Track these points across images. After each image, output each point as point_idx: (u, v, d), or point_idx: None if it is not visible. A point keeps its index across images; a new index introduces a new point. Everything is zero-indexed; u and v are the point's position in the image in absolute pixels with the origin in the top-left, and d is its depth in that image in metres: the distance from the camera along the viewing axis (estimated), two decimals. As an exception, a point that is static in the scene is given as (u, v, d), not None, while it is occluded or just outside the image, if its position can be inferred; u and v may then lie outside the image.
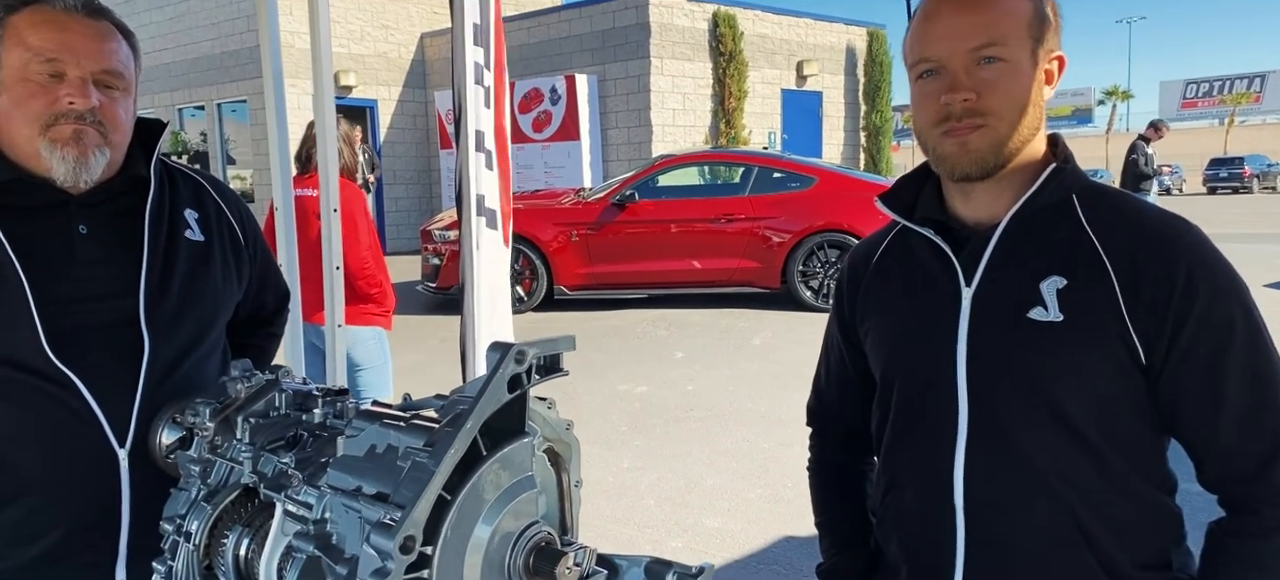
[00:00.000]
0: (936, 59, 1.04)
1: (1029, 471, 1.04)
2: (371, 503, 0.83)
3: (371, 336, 3.70)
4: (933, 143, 1.07)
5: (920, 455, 1.11)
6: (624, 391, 5.50)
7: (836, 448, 1.32)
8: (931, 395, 1.09)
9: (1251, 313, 1.00)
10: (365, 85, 14.72)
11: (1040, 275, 1.03)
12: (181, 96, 15.19)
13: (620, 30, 13.14)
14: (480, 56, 2.80)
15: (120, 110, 1.26)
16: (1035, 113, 1.04)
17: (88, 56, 1.21)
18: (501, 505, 0.86)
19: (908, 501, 1.14)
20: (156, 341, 1.26)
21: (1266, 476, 0.98)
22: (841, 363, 1.27)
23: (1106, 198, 1.07)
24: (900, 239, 1.18)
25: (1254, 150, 43.22)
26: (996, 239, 1.06)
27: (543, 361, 0.88)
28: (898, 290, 1.16)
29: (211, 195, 1.45)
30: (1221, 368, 0.98)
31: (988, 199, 1.08)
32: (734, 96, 13.73)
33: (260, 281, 1.54)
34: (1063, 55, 1.07)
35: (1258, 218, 21.21)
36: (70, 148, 1.21)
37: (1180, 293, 0.98)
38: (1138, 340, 1.00)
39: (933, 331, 1.09)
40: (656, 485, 4.02)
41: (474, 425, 0.79)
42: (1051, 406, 1.02)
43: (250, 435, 1.06)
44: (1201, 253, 1.00)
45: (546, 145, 13.13)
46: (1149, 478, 1.05)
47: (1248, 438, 0.99)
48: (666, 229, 7.90)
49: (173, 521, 1.06)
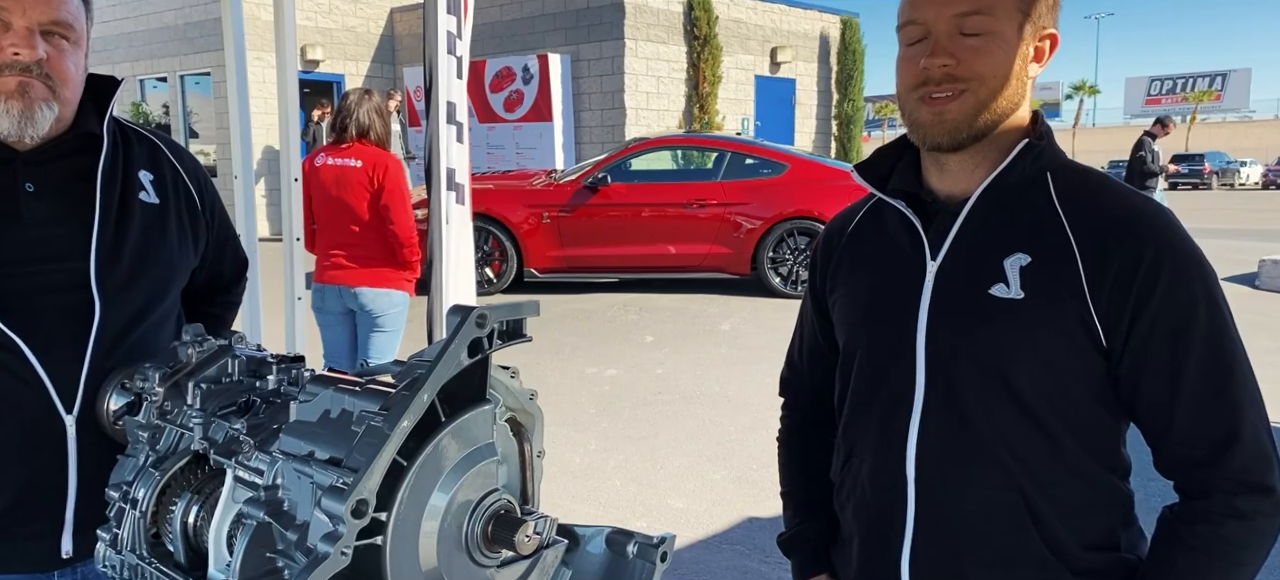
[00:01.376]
0: (922, 21, 1.02)
1: (981, 448, 1.04)
2: (324, 468, 0.80)
3: (401, 301, 3.84)
4: (910, 108, 1.05)
5: (877, 426, 1.11)
6: (593, 374, 5.49)
7: (805, 418, 1.32)
8: (891, 367, 1.09)
9: (1216, 301, 0.99)
10: (332, 60, 14.47)
11: (1005, 252, 1.02)
12: (143, 67, 14.83)
13: (594, 10, 13.04)
14: (453, 26, 2.75)
15: (69, 63, 1.21)
16: (1017, 86, 1.03)
17: (33, 6, 1.15)
18: (460, 472, 0.85)
19: (863, 472, 1.13)
20: (107, 306, 1.22)
21: (1221, 463, 0.97)
22: (814, 333, 1.27)
23: (1080, 176, 1.05)
24: (874, 211, 1.18)
25: (1214, 147, 44.15)
26: (965, 214, 1.05)
27: (506, 326, 0.86)
28: (867, 262, 1.16)
29: (168, 158, 1.40)
30: (1181, 353, 0.98)
31: (962, 172, 1.07)
32: (708, 81, 13.70)
33: (218, 248, 1.50)
34: (1056, 34, 1.05)
35: (1217, 213, 21.68)
36: (14, 100, 1.15)
37: (1145, 274, 0.97)
38: (1099, 322, 0.99)
39: (895, 304, 1.09)
40: (623, 466, 4.02)
41: (431, 389, 0.77)
42: (1007, 384, 1.02)
43: (201, 401, 1.03)
44: (1170, 237, 0.99)
45: (518, 126, 13.01)
46: (1101, 460, 1.05)
47: (1204, 424, 0.98)
48: (638, 213, 7.87)
49: (119, 488, 1.03)
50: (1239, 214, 21.77)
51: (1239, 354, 0.99)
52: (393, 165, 3.77)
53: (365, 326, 3.86)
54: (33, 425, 1.17)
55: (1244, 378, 0.99)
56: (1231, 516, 0.97)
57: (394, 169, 3.76)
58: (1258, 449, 0.97)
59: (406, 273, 3.82)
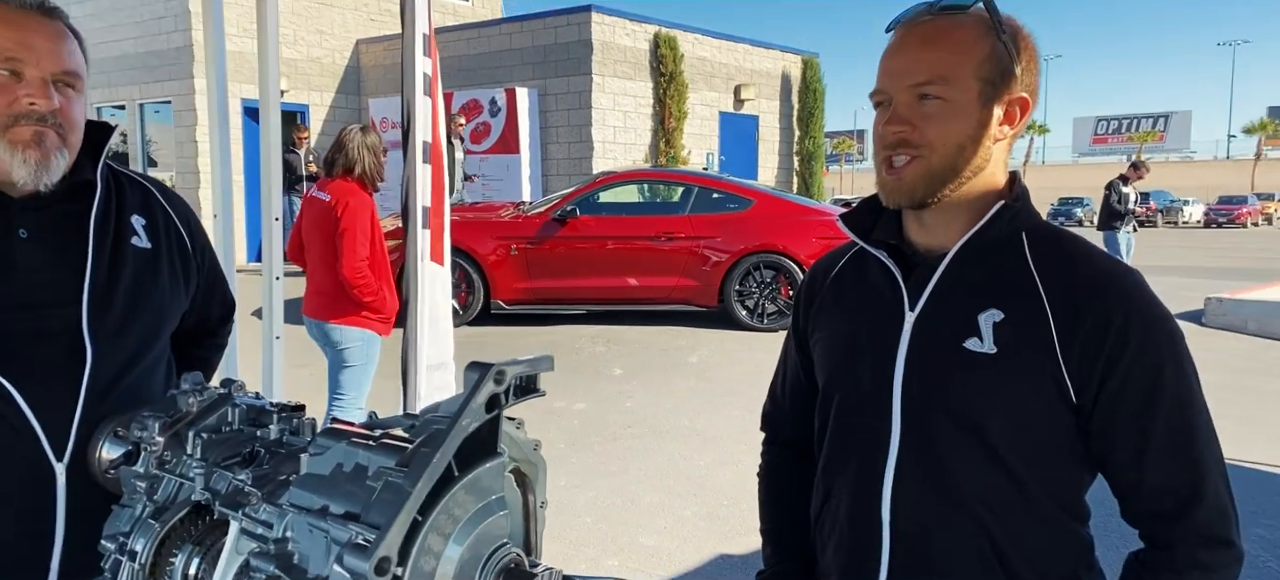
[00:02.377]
0: (885, 91, 1.08)
1: (953, 494, 1.07)
2: (340, 523, 0.81)
3: (359, 338, 3.83)
4: (877, 170, 1.11)
5: (854, 469, 1.14)
6: (561, 408, 5.47)
7: (787, 455, 1.34)
8: (868, 411, 1.12)
9: (1182, 361, 1.03)
10: (297, 90, 14.36)
11: (980, 307, 1.06)
12: (101, 95, 14.57)
13: (563, 46, 13.15)
14: (428, 67, 2.78)
15: (77, 110, 1.23)
16: (980, 151, 1.07)
17: (47, 56, 1.18)
18: (472, 526, 0.86)
19: (841, 513, 1.16)
20: (99, 352, 1.22)
21: (1186, 517, 1.02)
22: (796, 370, 1.30)
23: (1054, 238, 1.10)
24: (857, 258, 1.22)
25: (1158, 186, 45.59)
26: (943, 267, 1.09)
27: (522, 381, 0.88)
28: (848, 306, 1.20)
29: (160, 202, 1.40)
30: (1150, 412, 1.02)
31: (939, 228, 1.11)
32: (674, 117, 13.86)
33: (207, 291, 1.49)
34: (1026, 97, 1.09)
35: (1162, 251, 22.35)
36: (31, 150, 1.17)
37: (1115, 336, 1.01)
38: (1069, 379, 1.03)
39: (874, 350, 1.12)
40: (593, 503, 4.01)
41: (451, 445, 0.79)
42: (979, 434, 1.05)
43: (202, 451, 1.03)
44: (1140, 298, 1.03)
45: (485, 157, 13.01)
46: (1066, 508, 1.09)
47: (1171, 480, 1.02)
48: (607, 246, 7.91)
49: (115, 539, 1.01)
50: (1183, 252, 22.49)
51: (1203, 413, 1.04)
52: (353, 202, 3.76)
53: (331, 361, 3.91)
54: (22, 472, 1.16)
55: (1207, 436, 1.04)
56: (1195, 568, 1.02)
57: (353, 205, 3.75)
58: (1219, 505, 1.02)
59: (365, 311, 3.80)
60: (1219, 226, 39.38)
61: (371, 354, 3.89)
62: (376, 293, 3.77)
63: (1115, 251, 9.96)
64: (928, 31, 1.07)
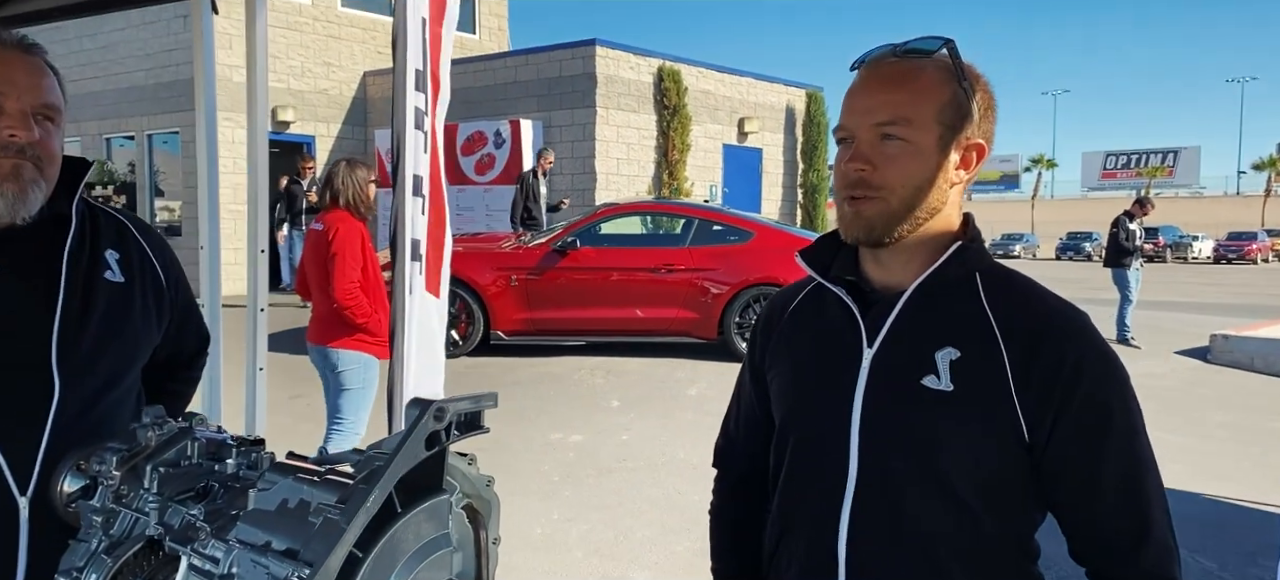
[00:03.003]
0: (848, 128, 1.10)
1: (908, 532, 1.08)
2: (280, 559, 0.81)
3: (356, 361, 3.95)
4: (838, 205, 1.13)
5: (811, 505, 1.14)
6: (557, 440, 5.46)
7: (739, 490, 1.34)
8: (825, 448, 1.12)
9: (1130, 403, 1.06)
10: (303, 121, 14.51)
11: (936, 345, 1.07)
12: (111, 126, 14.76)
13: (567, 79, 13.27)
14: (421, 102, 2.81)
15: (56, 144, 1.26)
16: (937, 193, 1.09)
17: (28, 91, 1.21)
18: (415, 563, 0.86)
19: (798, 550, 1.16)
20: (67, 385, 1.22)
21: (1133, 557, 1.05)
22: (750, 405, 1.31)
23: (1006, 279, 1.12)
24: (815, 294, 1.23)
25: (1167, 221, 45.52)
26: (901, 306, 1.11)
27: (464, 418, 0.88)
28: (806, 342, 1.20)
29: (135, 237, 1.41)
30: (1098, 453, 1.04)
31: (897, 266, 1.12)
32: (677, 149, 13.93)
33: (180, 324, 1.50)
34: (982, 144, 1.11)
35: (1171, 286, 22.26)
36: (9, 183, 1.19)
37: (1067, 377, 1.03)
38: (1023, 417, 1.04)
39: (832, 386, 1.13)
40: (586, 537, 3.99)
41: (388, 483, 0.79)
42: (935, 472, 1.06)
43: (159, 485, 1.03)
44: (1090, 340, 1.06)
45: (488, 188, 13.09)
46: (1018, 546, 1.10)
47: (1119, 519, 1.05)
48: (607, 277, 7.92)
49: (69, 574, 1.01)
50: (1191, 287, 22.39)
51: (1149, 453, 1.07)
52: (343, 228, 3.94)
53: (331, 386, 4.00)
54: None
55: (1153, 476, 1.06)
56: None
57: (344, 231, 3.94)
58: (1163, 543, 1.05)
59: (360, 334, 3.94)
60: (1229, 262, 39.24)
61: (369, 378, 3.97)
62: (369, 315, 3.90)
63: (1125, 289, 9.89)
64: (892, 72, 1.09)
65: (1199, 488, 4.89)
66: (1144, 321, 11.21)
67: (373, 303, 3.91)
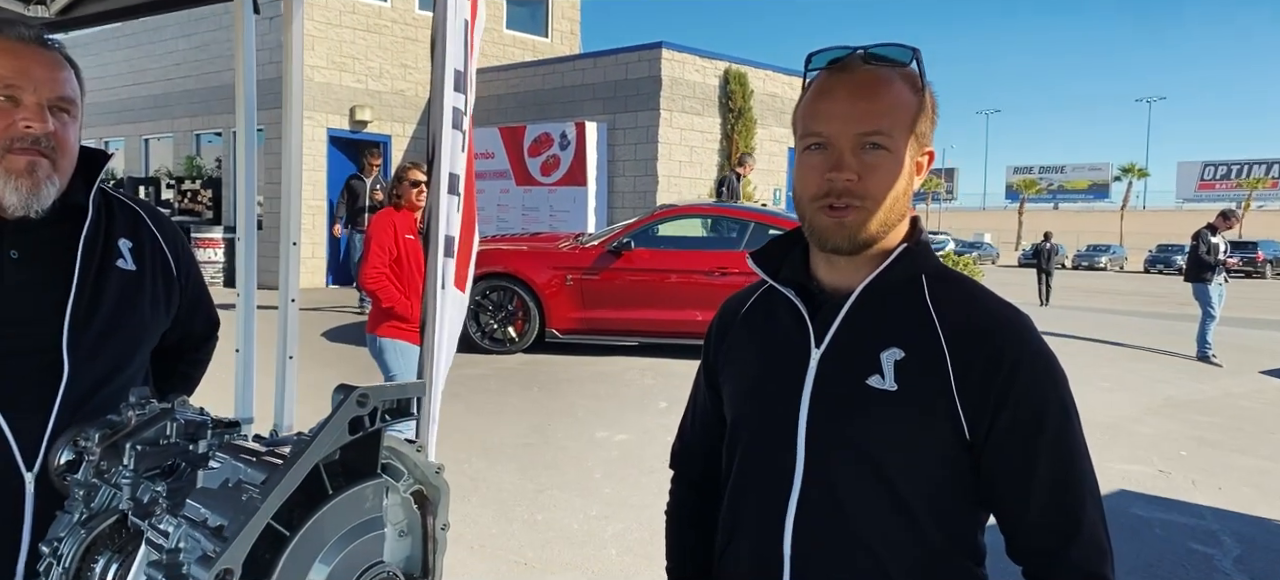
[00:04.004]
0: (826, 135, 1.08)
1: (852, 532, 1.08)
2: (211, 536, 0.85)
3: (390, 347, 4.18)
4: (809, 214, 1.11)
5: (757, 506, 1.15)
6: (603, 439, 5.49)
7: (693, 492, 1.34)
8: (773, 447, 1.13)
9: (1066, 404, 1.07)
10: (380, 121, 14.95)
11: (882, 345, 1.08)
12: (200, 122, 15.47)
13: (632, 82, 13.34)
14: (459, 102, 2.88)
15: (71, 135, 1.32)
16: (904, 200, 1.11)
17: (43, 84, 1.27)
18: (344, 545, 0.88)
19: (743, 551, 1.17)
20: (76, 368, 1.29)
21: (1064, 554, 1.05)
22: (705, 407, 1.31)
23: (951, 281, 1.13)
24: (766, 296, 1.23)
25: (1270, 235, 43.10)
26: (848, 307, 1.11)
27: (394, 405, 0.90)
28: (757, 344, 1.21)
29: (148, 226, 1.48)
30: (1032, 451, 1.05)
31: (848, 269, 1.13)
32: (741, 152, 13.85)
33: (191, 309, 1.57)
34: (933, 150, 1.14)
35: (1269, 303, 21.05)
36: (23, 178, 1.26)
37: (1004, 376, 1.04)
38: (963, 416, 1.05)
39: (781, 387, 1.13)
40: (621, 535, 4.00)
41: (305, 465, 0.82)
42: (879, 471, 1.07)
43: (135, 462, 1.08)
44: (1027, 342, 1.07)
45: (553, 189, 13.25)
46: (962, 547, 1.10)
47: (1051, 516, 1.05)
48: (661, 279, 7.93)
49: (50, 544, 1.08)
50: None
51: (1083, 453, 1.07)
52: (372, 222, 4.39)
53: (382, 372, 4.24)
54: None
55: (1087, 475, 1.07)
56: None
57: (376, 221, 4.36)
58: (1095, 541, 1.05)
59: (392, 320, 4.15)
60: (1334, 279, 36.91)
61: (407, 364, 4.12)
62: (395, 300, 4.14)
63: (1206, 304, 9.45)
64: (868, 80, 1.08)
65: (1272, 513, 4.63)
66: (1231, 339, 10.65)
67: (406, 290, 4.11)
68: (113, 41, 16.23)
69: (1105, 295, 23.86)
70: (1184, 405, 7.25)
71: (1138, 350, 10.09)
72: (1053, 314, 14.35)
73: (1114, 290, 26.48)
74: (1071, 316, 14.17)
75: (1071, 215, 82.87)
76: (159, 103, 15.91)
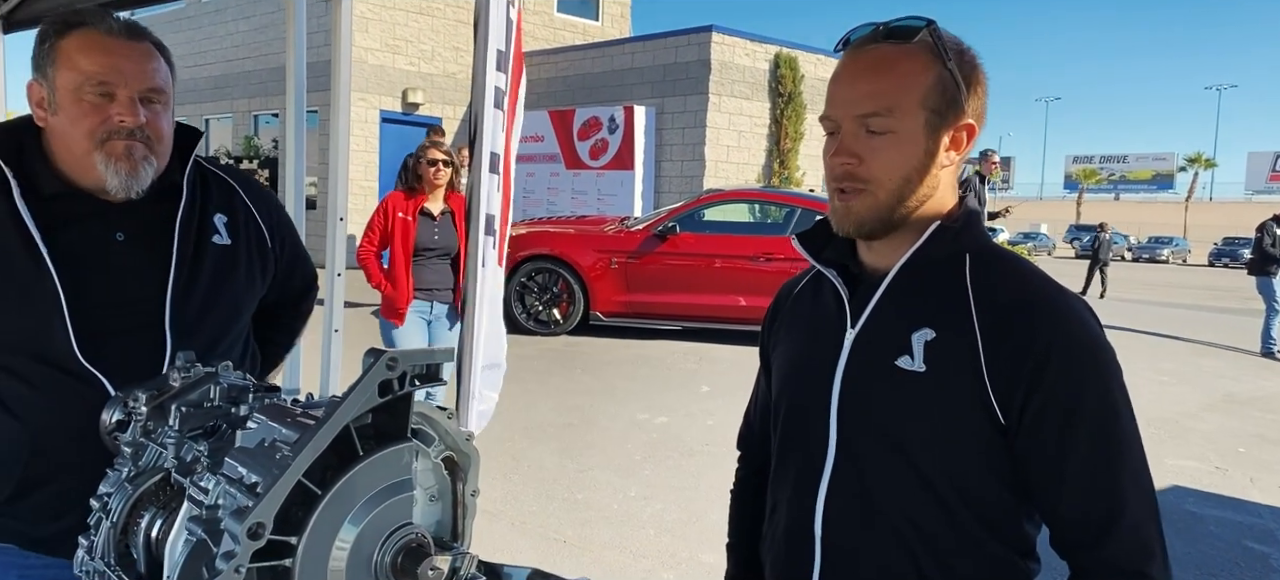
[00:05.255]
0: (832, 119, 1.08)
1: (879, 514, 1.07)
2: (246, 492, 0.88)
3: (382, 328, 4.34)
4: (829, 197, 1.11)
5: (792, 484, 1.15)
6: (643, 421, 5.52)
7: (755, 473, 1.35)
8: (807, 428, 1.13)
9: (1108, 393, 1.01)
10: (431, 103, 15.14)
11: (914, 326, 1.06)
12: (258, 104, 15.85)
13: (681, 66, 13.29)
14: (501, 82, 2.90)
15: (163, 122, 1.38)
16: (928, 179, 1.06)
17: (134, 77, 1.33)
18: (373, 505, 0.91)
19: (780, 527, 1.17)
20: (177, 344, 1.36)
21: (1101, 547, 1.00)
22: (764, 391, 1.32)
23: (996, 259, 1.08)
24: (815, 279, 1.23)
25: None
26: (884, 287, 1.09)
27: (423, 369, 0.92)
28: (802, 325, 1.21)
29: (243, 199, 1.54)
30: (1067, 441, 1.00)
31: (886, 249, 1.11)
32: (790, 138, 13.73)
33: (287, 274, 1.64)
34: (973, 123, 1.07)
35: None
36: (122, 162, 1.33)
37: (1036, 362, 0.99)
38: (995, 400, 1.01)
39: (817, 367, 1.13)
40: (659, 516, 4.03)
41: (334, 425, 0.84)
42: (905, 454, 1.05)
43: (180, 423, 1.13)
44: (1066, 324, 1.01)
45: (601, 173, 13.30)
46: (998, 535, 1.06)
47: (1085, 507, 1.01)
48: (705, 263, 7.92)
49: (100, 499, 1.13)
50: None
51: (1129, 443, 1.00)
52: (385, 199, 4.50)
53: None
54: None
55: (1131, 467, 1.00)
56: None
57: (383, 201, 4.49)
58: (1137, 536, 0.99)
59: (384, 302, 4.32)
60: None
61: (390, 340, 4.28)
62: (373, 278, 4.27)
63: (1270, 298, 9.12)
64: (873, 59, 1.06)
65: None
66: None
67: (396, 272, 4.23)
68: (174, 23, 16.70)
69: (1166, 289, 23.12)
70: (1245, 401, 7.01)
71: (1198, 345, 9.78)
72: (1110, 307, 13.97)
73: (1176, 284, 25.65)
74: (1130, 309, 13.80)
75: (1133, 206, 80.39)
76: (218, 84, 16.34)
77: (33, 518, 1.35)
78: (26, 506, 1.35)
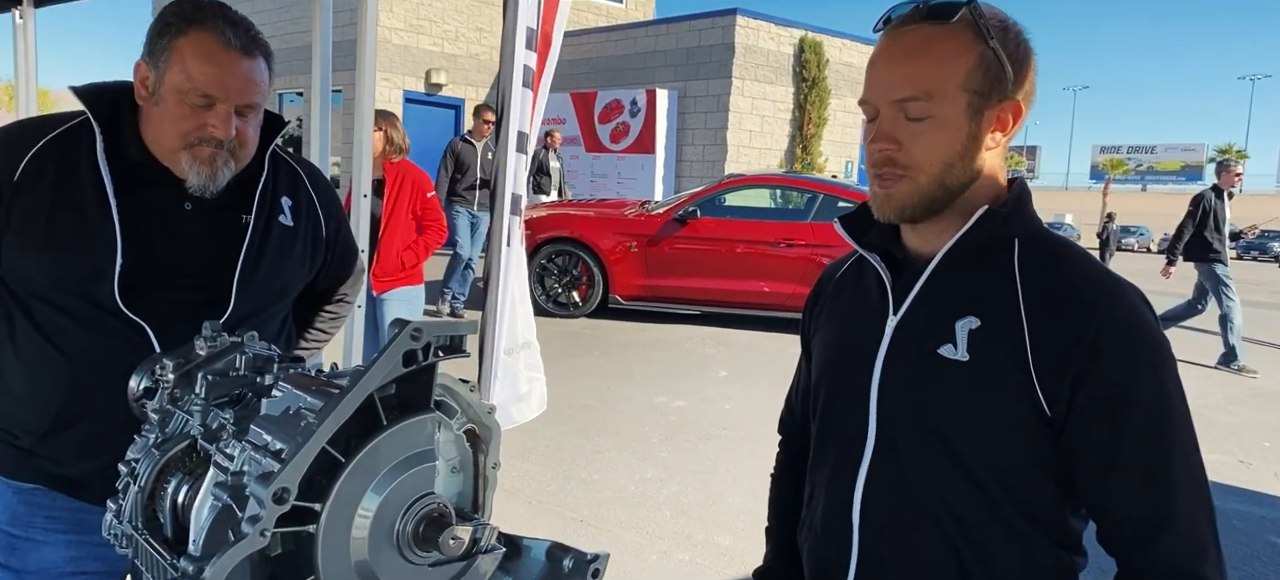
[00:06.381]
0: (871, 102, 1.05)
1: (918, 503, 1.05)
2: (271, 458, 0.89)
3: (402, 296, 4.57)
4: (870, 183, 1.08)
5: (831, 470, 1.14)
6: (661, 404, 5.53)
7: (796, 457, 1.34)
8: (847, 415, 1.11)
9: (1161, 383, 0.97)
10: (454, 84, 15.17)
11: (958, 314, 1.03)
12: (283, 83, 15.94)
13: (705, 49, 13.22)
14: (531, 61, 2.90)
15: (251, 129, 1.44)
16: (971, 163, 1.03)
17: (237, 93, 1.38)
18: (396, 474, 0.92)
19: (818, 513, 1.16)
20: (236, 309, 1.43)
21: (1151, 546, 0.96)
22: (805, 375, 1.30)
23: (1046, 245, 1.04)
24: (858, 263, 1.21)
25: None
26: (928, 273, 1.07)
27: (448, 341, 0.93)
28: (843, 310, 1.19)
29: (306, 186, 1.61)
30: (1116, 435, 0.96)
31: (931, 234, 1.08)
32: (813, 123, 13.63)
33: (339, 263, 1.71)
34: (1020, 102, 1.04)
35: (1372, 294, 19.77)
36: (205, 166, 1.39)
37: (1085, 350, 0.96)
38: (1041, 391, 0.98)
39: (858, 354, 1.11)
40: (675, 498, 4.04)
41: (359, 393, 0.85)
42: (946, 444, 1.03)
43: (206, 391, 1.14)
44: (1119, 316, 0.97)
45: (622, 156, 13.28)
46: (1042, 529, 1.03)
47: (1135, 504, 0.97)
48: (725, 248, 7.90)
49: (128, 464, 1.15)
50: (1399, 296, 19.81)
51: (1181, 439, 0.97)
52: None
53: None
54: None
55: (1184, 464, 0.96)
56: None
57: None
58: (1190, 535, 0.95)
59: None
60: None
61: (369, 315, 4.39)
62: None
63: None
64: (912, 41, 1.02)
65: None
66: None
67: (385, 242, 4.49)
68: (202, 3, 16.78)
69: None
70: (1272, 396, 6.91)
71: (1225, 339, 9.62)
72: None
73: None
74: (1155, 301, 13.56)
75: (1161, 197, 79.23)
76: (244, 63, 16.43)
77: (64, 455, 1.40)
78: (60, 442, 1.40)
